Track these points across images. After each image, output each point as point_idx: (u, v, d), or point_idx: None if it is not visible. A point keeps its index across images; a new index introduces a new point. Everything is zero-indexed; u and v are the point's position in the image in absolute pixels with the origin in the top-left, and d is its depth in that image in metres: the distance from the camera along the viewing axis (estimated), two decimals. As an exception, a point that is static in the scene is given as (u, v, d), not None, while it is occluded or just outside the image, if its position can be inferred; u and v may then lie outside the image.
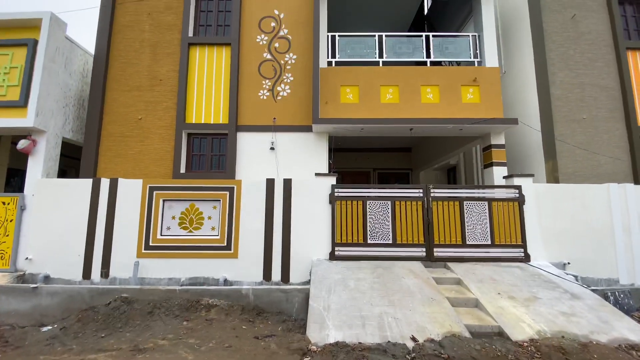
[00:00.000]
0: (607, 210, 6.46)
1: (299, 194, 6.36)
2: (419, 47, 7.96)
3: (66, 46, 7.71)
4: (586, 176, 7.61)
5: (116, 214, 6.47)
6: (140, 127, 7.71)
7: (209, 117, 7.79)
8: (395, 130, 7.68)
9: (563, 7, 8.20)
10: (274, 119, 7.76)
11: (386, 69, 7.70)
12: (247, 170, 7.54)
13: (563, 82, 7.90)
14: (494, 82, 7.60)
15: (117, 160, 7.62)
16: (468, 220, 6.28)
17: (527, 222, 6.35)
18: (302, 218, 6.27)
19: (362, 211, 6.25)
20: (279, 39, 8.14)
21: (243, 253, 6.14)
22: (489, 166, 7.62)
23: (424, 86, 7.61)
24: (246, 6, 8.25)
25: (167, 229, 6.41)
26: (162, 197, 6.47)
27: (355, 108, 7.54)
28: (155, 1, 8.20)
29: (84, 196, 6.56)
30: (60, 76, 7.56)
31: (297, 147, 7.68)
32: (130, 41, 8.08)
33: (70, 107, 7.94)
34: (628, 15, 8.46)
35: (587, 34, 8.09)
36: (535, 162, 7.95)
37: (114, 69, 7.97)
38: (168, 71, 7.94)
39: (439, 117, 7.40)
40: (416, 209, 6.27)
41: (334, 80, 7.64)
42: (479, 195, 6.43)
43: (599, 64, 7.98)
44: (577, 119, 7.77)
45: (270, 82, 7.95)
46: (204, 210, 6.43)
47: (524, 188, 6.47)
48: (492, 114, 7.41)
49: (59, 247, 6.35)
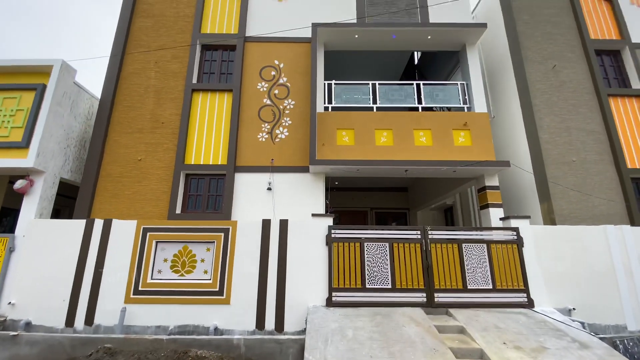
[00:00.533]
0: (607, 252, 6.40)
1: (295, 236, 6.28)
2: (410, 94, 8.39)
3: (73, 91, 8.04)
4: (582, 218, 7.63)
5: (107, 257, 6.30)
6: (139, 168, 7.79)
7: (207, 158, 7.92)
8: (390, 171, 7.81)
9: (544, 58, 8.82)
10: (272, 160, 7.90)
11: (380, 113, 8.03)
12: (244, 211, 7.50)
13: (550, 127, 8.23)
14: (484, 127, 7.90)
15: (113, 201, 7.58)
16: (468, 263, 6.16)
17: (528, 265, 6.24)
18: (298, 261, 6.12)
19: (359, 253, 6.13)
20: (278, 86, 8.57)
21: (235, 299, 5.88)
22: (485, 207, 7.65)
23: (417, 130, 7.89)
24: (248, 57, 8.79)
25: (158, 272, 6.20)
26: (156, 238, 6.35)
27: (351, 150, 7.73)
28: (162, 51, 8.73)
29: (75, 237, 6.43)
30: (65, 119, 7.78)
31: (294, 187, 7.73)
32: (136, 87, 8.46)
33: (71, 148, 8.07)
34: (606, 64, 9.08)
35: (568, 83, 8.61)
36: (530, 203, 8.00)
37: (117, 112, 8.25)
38: (170, 114, 8.22)
39: (432, 159, 7.57)
40: (415, 252, 6.16)
41: (330, 123, 7.92)
42: (477, 237, 6.38)
43: (583, 110, 8.38)
44: (567, 161, 7.98)
45: (269, 126, 8.22)
46: (197, 252, 6.28)
47: (522, 230, 6.45)
48: (484, 157, 7.61)
49: (44, 291, 6.09)
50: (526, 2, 9.33)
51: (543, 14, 9.23)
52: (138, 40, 8.88)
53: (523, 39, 8.96)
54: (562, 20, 9.18)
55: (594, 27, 9.17)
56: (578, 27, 9.06)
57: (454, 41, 8.74)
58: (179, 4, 9.26)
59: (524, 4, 9.31)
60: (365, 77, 11.22)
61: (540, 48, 8.90)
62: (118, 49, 8.63)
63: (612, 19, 9.28)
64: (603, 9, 9.40)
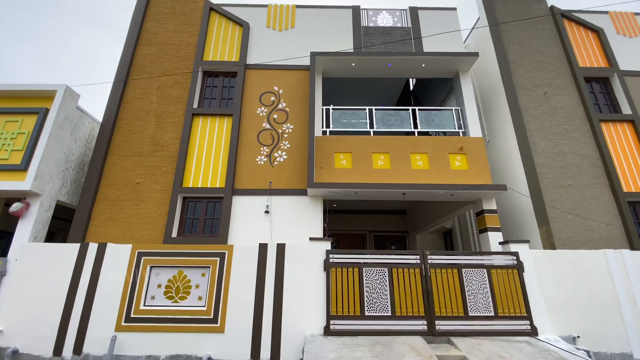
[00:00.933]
0: (609, 277, 6.31)
1: (293, 260, 6.18)
2: (406, 118, 8.58)
3: (75, 115, 8.18)
4: (582, 242, 7.59)
5: (100, 282, 6.16)
6: (137, 191, 7.78)
7: (206, 181, 7.94)
8: (388, 194, 7.82)
9: (535, 85, 9.10)
10: (270, 182, 7.92)
11: (377, 137, 8.16)
12: (241, 235, 7.43)
13: (544, 151, 8.36)
14: (479, 151, 8.02)
15: (109, 225, 7.51)
16: (468, 289, 6.04)
17: (529, 291, 6.12)
18: (296, 287, 5.99)
19: (358, 279, 6.01)
20: (277, 111, 8.75)
21: (230, 327, 5.70)
22: (483, 231, 7.61)
23: (414, 154, 7.99)
24: (249, 83, 9.04)
25: (152, 298, 6.04)
26: (150, 263, 6.23)
27: (349, 173, 7.79)
28: (165, 77, 8.97)
29: (68, 262, 6.31)
30: (65, 142, 7.86)
31: (292, 210, 7.71)
32: (137, 111, 8.62)
33: (70, 171, 8.09)
34: (596, 91, 9.37)
35: (560, 108, 8.84)
36: (528, 227, 7.97)
37: (118, 136, 8.35)
38: (170, 138, 8.32)
39: (430, 182, 7.62)
40: (414, 277, 6.06)
41: (328, 147, 8.02)
42: (477, 262, 6.29)
43: (576, 135, 8.55)
44: (563, 185, 8.04)
45: (268, 149, 8.31)
46: (192, 277, 6.14)
47: (522, 254, 6.38)
48: (480, 180, 7.66)
49: (33, 318, 5.89)
50: (515, 33, 9.76)
51: (532, 43, 9.63)
52: (141, 66, 9.15)
53: (514, 67, 9.29)
54: (551, 49, 9.57)
55: (582, 55, 9.55)
56: (566, 56, 9.43)
57: (447, 69, 9.05)
58: (182, 33, 9.62)
59: (513, 34, 9.74)
60: (363, 102, 11.51)
61: (530, 75, 9.21)
62: (122, 75, 8.87)
63: (599, 48, 9.68)
64: (590, 39, 9.83)
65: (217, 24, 9.82)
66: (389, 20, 10.26)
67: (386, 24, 10.19)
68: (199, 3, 10.02)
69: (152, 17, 9.84)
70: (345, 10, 10.24)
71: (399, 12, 10.39)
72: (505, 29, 9.78)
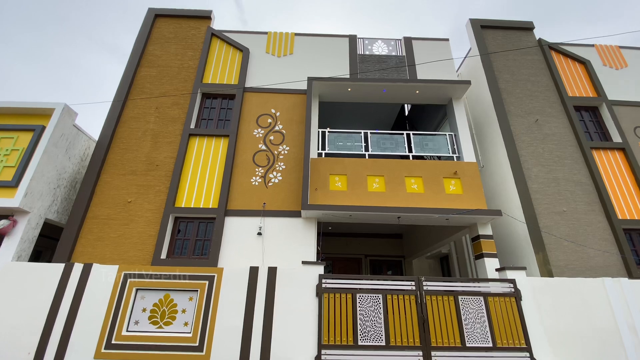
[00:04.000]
0: (608, 307, 6.14)
1: (284, 285, 5.98)
2: (401, 142, 8.67)
3: (72, 133, 8.19)
4: (579, 269, 7.47)
5: (82, 305, 5.89)
6: (128, 210, 7.65)
7: (199, 201, 7.85)
8: (383, 217, 7.75)
9: (526, 113, 9.32)
10: (264, 203, 7.84)
11: (372, 161, 8.20)
12: (232, 257, 7.24)
13: (538, 177, 8.41)
14: (473, 175, 8.05)
15: (97, 244, 7.31)
16: (465, 317, 5.83)
17: (528, 320, 5.92)
18: (287, 313, 5.76)
19: (351, 306, 5.80)
20: (274, 132, 8.83)
21: (216, 355, 5.40)
22: (479, 257, 7.49)
23: (408, 177, 8.00)
24: (246, 105, 9.19)
25: (135, 323, 5.76)
26: (136, 285, 6.01)
27: (344, 195, 7.74)
28: (164, 98, 9.11)
29: (51, 283, 6.06)
30: (59, 159, 7.82)
31: (285, 232, 7.58)
32: (134, 130, 8.66)
33: (61, 189, 7.98)
34: (586, 119, 9.59)
35: (551, 135, 9.00)
36: (525, 253, 7.86)
37: (113, 154, 8.33)
38: (165, 157, 8.31)
39: (425, 206, 7.58)
40: (409, 304, 5.86)
41: (323, 169, 8.03)
42: (474, 290, 6.13)
43: (568, 161, 8.65)
44: (558, 211, 8.02)
45: (263, 170, 8.30)
46: (179, 302, 5.90)
47: (519, 282, 6.24)
48: (475, 205, 7.64)
49: (10, 342, 5.56)
50: (506, 63, 10.12)
51: (522, 73, 9.96)
52: (141, 87, 9.30)
53: (505, 95, 9.55)
54: (540, 79, 9.89)
55: (571, 85, 9.86)
56: (555, 85, 9.74)
57: (441, 95, 9.28)
58: (183, 56, 9.88)
59: (503, 64, 10.10)
60: (358, 126, 11.68)
61: (522, 103, 9.45)
62: (121, 95, 8.99)
63: (587, 79, 10.02)
64: (577, 70, 10.20)
65: (218, 49, 10.11)
66: (384, 49, 10.64)
67: (381, 52, 10.55)
68: (202, 29, 10.38)
69: (155, 41, 10.13)
70: (343, 38, 10.63)
71: (393, 42, 10.79)
72: (496, 59, 10.15)
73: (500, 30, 10.74)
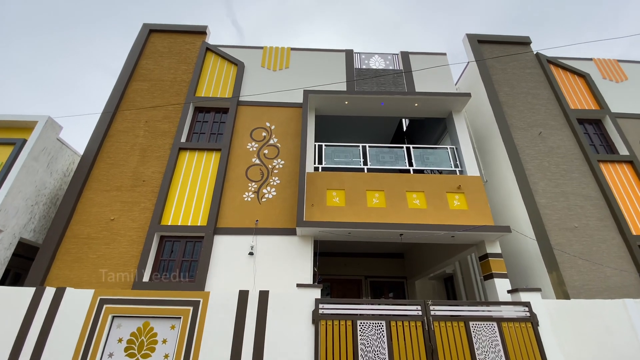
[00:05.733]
0: (631, 331, 5.58)
1: (277, 311, 5.40)
2: (401, 156, 8.31)
3: (55, 147, 7.79)
4: (597, 290, 6.93)
5: (51, 334, 5.26)
6: (110, 229, 7.12)
7: (186, 218, 7.34)
8: (384, 235, 7.25)
9: (529, 126, 9.05)
10: (257, 221, 7.35)
11: (371, 175, 7.80)
12: (221, 279, 6.66)
13: (545, 191, 8.02)
14: (478, 190, 7.65)
15: (74, 266, 6.73)
16: (478, 346, 5.24)
17: (547, 348, 5.33)
18: (279, 343, 5.14)
19: (352, 334, 5.20)
20: (268, 146, 8.47)
21: (198, 394, 4.76)
22: (489, 277, 6.95)
23: (410, 192, 7.58)
24: (240, 118, 8.87)
25: (109, 356, 5.12)
26: (113, 312, 5.40)
27: (342, 211, 7.28)
28: (154, 111, 8.79)
29: (19, 309, 5.45)
30: (39, 174, 7.36)
31: (279, 251, 7.04)
32: (122, 144, 8.27)
33: (40, 206, 7.48)
34: (590, 132, 9.32)
35: (556, 149, 8.68)
36: (537, 273, 7.33)
37: (98, 169, 7.88)
38: (153, 172, 7.88)
39: (428, 223, 7.11)
40: (415, 332, 5.27)
41: (320, 183, 7.60)
42: (485, 314, 5.57)
43: (576, 175, 8.29)
44: (570, 227, 7.57)
45: (257, 185, 7.87)
46: (160, 330, 5.28)
47: (534, 305, 5.69)
48: (481, 221, 7.18)
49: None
50: (505, 76, 9.97)
51: (522, 86, 9.79)
52: (132, 100, 9.00)
53: (506, 108, 9.32)
54: (541, 92, 9.71)
55: (572, 98, 9.68)
56: (557, 98, 9.54)
57: (440, 109, 9.03)
58: (177, 70, 9.67)
59: (503, 77, 9.95)
60: (356, 140, 11.38)
61: (523, 116, 9.21)
62: (110, 107, 8.66)
63: (588, 91, 9.86)
64: (578, 83, 10.06)
65: (213, 63, 9.93)
66: (381, 63, 10.50)
67: (378, 67, 10.41)
68: (196, 44, 10.24)
69: (148, 55, 9.95)
70: (339, 53, 10.52)
71: (390, 56, 10.68)
72: (495, 73, 10.01)
73: (497, 45, 10.68)
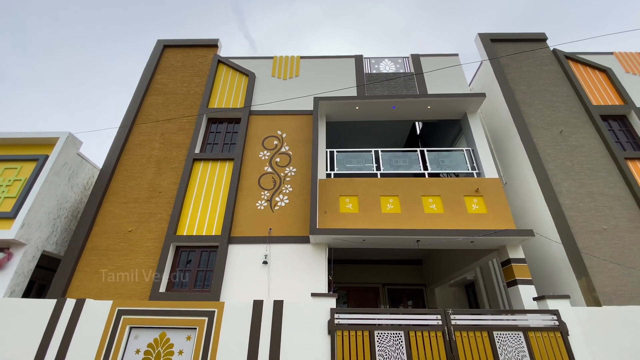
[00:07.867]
0: (674, 342, 5.16)
1: (292, 321, 5.31)
2: (415, 160, 8.14)
3: (75, 161, 8.05)
4: (630, 295, 6.49)
5: (71, 345, 5.36)
6: (128, 240, 7.26)
7: (201, 228, 7.40)
8: (400, 241, 7.07)
9: (548, 124, 8.70)
10: (270, 229, 7.32)
11: (384, 180, 7.67)
12: (236, 289, 6.64)
13: (570, 192, 7.64)
14: (497, 193, 7.37)
15: (94, 277, 6.87)
16: (503, 357, 4.97)
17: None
18: (294, 354, 5.04)
19: (369, 345, 5.05)
20: (280, 154, 8.48)
21: (214, 407, 4.70)
22: (512, 284, 6.63)
23: (425, 197, 7.39)
24: (252, 127, 8.95)
25: (127, 367, 5.15)
26: (130, 323, 5.46)
27: (356, 218, 7.16)
28: (169, 124, 8.99)
29: (41, 320, 5.59)
30: (61, 189, 7.61)
31: (293, 260, 6.97)
32: (139, 157, 8.47)
33: (61, 219, 7.71)
34: (615, 129, 8.87)
35: (579, 147, 8.30)
36: (564, 279, 6.94)
37: (116, 182, 8.09)
38: (169, 184, 8.01)
39: (445, 228, 6.89)
40: (436, 343, 5.05)
41: (333, 190, 7.52)
42: (510, 324, 5.29)
43: (602, 174, 7.88)
44: (598, 229, 7.16)
45: (269, 193, 7.86)
46: (176, 341, 5.29)
47: (563, 313, 5.37)
48: (502, 225, 6.90)
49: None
50: (521, 75, 9.67)
51: (539, 84, 9.46)
52: (148, 114, 9.25)
53: (524, 107, 9.01)
54: (560, 89, 9.35)
55: (594, 94, 9.26)
56: (577, 94, 9.16)
57: (454, 110, 8.82)
58: (190, 83, 9.89)
59: (518, 76, 9.65)
60: (368, 145, 11.25)
61: (542, 115, 8.87)
62: (127, 122, 8.92)
63: (611, 86, 9.42)
64: (599, 78, 9.64)
65: (224, 75, 10.11)
66: (391, 67, 10.41)
67: (389, 71, 10.32)
68: (208, 56, 10.47)
69: (163, 70, 10.24)
70: (349, 59, 10.50)
71: (401, 60, 10.58)
72: (510, 71, 9.73)
73: (510, 43, 10.40)
